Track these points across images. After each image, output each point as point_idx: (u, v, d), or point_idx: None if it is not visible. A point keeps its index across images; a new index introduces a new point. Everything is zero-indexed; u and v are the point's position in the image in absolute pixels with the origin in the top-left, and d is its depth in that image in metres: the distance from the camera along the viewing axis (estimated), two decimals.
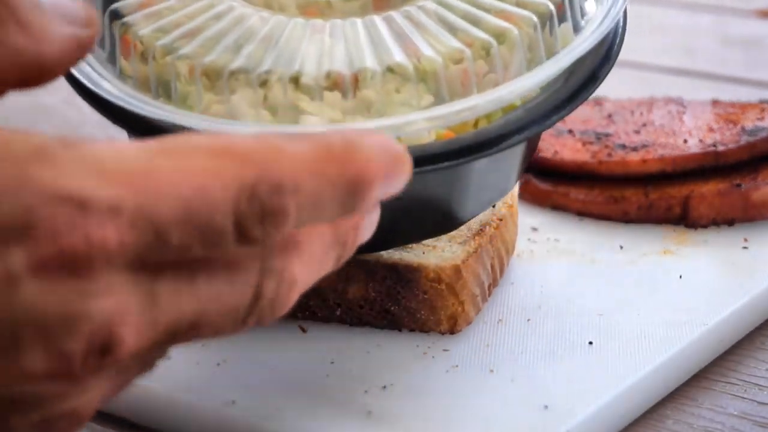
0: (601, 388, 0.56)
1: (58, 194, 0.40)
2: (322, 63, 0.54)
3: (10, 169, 0.40)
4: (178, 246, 0.41)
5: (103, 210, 0.40)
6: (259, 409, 0.54)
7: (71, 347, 0.41)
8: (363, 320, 0.61)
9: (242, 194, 0.42)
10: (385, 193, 0.46)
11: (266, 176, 0.43)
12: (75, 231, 0.40)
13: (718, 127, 0.75)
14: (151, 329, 0.42)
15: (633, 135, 0.76)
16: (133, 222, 0.41)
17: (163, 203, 0.41)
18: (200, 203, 0.41)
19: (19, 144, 0.41)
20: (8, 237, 0.39)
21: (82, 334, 0.41)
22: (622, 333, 0.61)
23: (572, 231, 0.72)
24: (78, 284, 0.40)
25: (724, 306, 0.63)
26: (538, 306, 0.63)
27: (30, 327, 0.40)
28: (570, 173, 0.75)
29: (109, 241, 0.40)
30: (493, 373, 0.57)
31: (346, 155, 0.45)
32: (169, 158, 0.42)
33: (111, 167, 0.41)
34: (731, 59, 1.13)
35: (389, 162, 0.46)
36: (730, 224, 0.72)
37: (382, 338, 0.60)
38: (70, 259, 0.40)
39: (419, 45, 0.55)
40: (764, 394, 0.59)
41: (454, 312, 0.61)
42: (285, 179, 0.43)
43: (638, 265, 0.68)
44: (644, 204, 0.72)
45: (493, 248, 0.64)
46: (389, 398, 0.55)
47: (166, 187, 0.41)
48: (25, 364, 0.41)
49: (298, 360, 0.58)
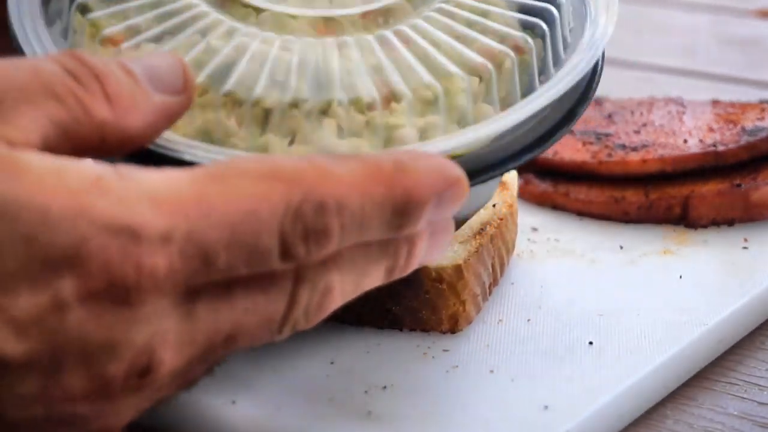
0: (601, 388, 0.56)
1: (113, 225, 0.41)
2: (352, 83, 0.53)
3: (67, 200, 0.41)
4: (224, 269, 0.43)
5: (155, 240, 0.41)
6: (259, 409, 0.54)
7: (112, 372, 0.42)
8: (363, 320, 0.61)
9: (288, 214, 0.43)
10: (436, 215, 0.47)
11: (311, 196, 0.43)
12: (127, 261, 0.41)
13: (718, 127, 0.75)
14: (189, 347, 0.43)
15: (633, 135, 0.76)
16: (183, 251, 0.42)
17: (212, 230, 0.42)
18: (248, 226, 0.42)
19: (74, 174, 0.42)
20: (62, 266, 0.40)
21: (123, 359, 0.42)
22: (622, 333, 0.61)
23: (572, 231, 0.72)
24: (125, 312, 0.41)
25: (724, 306, 0.63)
26: (538, 306, 0.63)
27: (75, 351, 0.41)
28: (570, 173, 0.75)
29: (160, 271, 0.41)
30: (493, 374, 0.57)
31: (395, 176, 0.46)
32: (218, 184, 0.43)
33: (163, 197, 0.42)
34: (731, 59, 1.13)
35: (443, 184, 0.47)
36: (730, 224, 0.72)
37: (383, 338, 0.60)
38: (120, 289, 0.41)
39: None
40: (764, 394, 0.59)
41: (456, 312, 0.61)
42: (329, 199, 0.44)
43: (638, 265, 0.68)
44: (644, 204, 0.72)
45: (494, 248, 0.64)
46: (389, 398, 0.55)
47: (215, 214, 0.42)
48: (67, 386, 0.42)
49: (298, 360, 0.58)
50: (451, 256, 0.61)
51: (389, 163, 0.46)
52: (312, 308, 0.46)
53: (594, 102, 0.82)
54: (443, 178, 0.47)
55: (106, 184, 0.42)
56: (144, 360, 0.42)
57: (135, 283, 0.41)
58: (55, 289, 0.40)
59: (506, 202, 0.66)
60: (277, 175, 0.44)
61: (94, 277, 0.41)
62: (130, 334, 0.41)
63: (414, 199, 0.46)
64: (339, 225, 0.44)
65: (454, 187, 0.47)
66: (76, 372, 0.41)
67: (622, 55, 1.14)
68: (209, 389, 0.56)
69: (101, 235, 0.41)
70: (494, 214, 0.65)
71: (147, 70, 0.48)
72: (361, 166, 0.45)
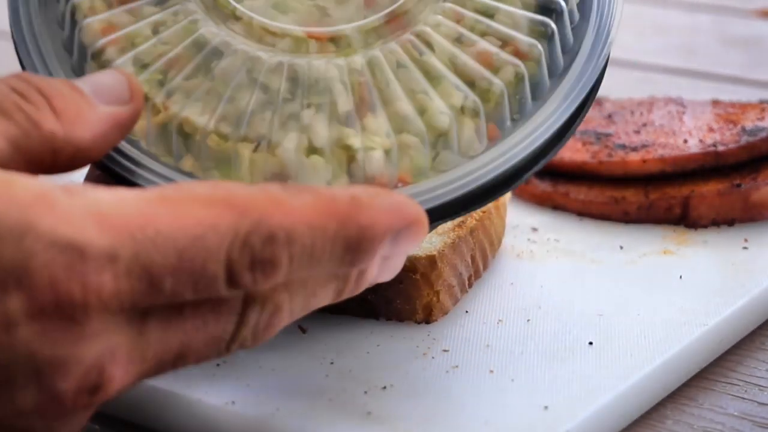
0: (601, 389, 0.56)
1: (58, 241, 0.41)
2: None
3: (13, 213, 0.41)
4: (170, 293, 0.43)
5: (101, 258, 0.41)
6: (258, 409, 0.54)
7: (63, 388, 0.42)
8: (342, 308, 0.62)
9: (235, 242, 0.43)
10: (393, 251, 0.47)
11: (261, 226, 0.43)
12: (73, 278, 0.41)
13: (718, 127, 0.75)
14: (139, 364, 0.43)
15: (633, 135, 0.76)
16: (129, 270, 0.42)
17: (159, 252, 0.42)
18: (195, 252, 0.43)
19: (21, 187, 0.42)
20: (8, 281, 0.40)
21: (74, 375, 0.42)
22: (622, 333, 0.61)
23: (572, 231, 0.72)
24: (72, 329, 0.41)
25: (724, 306, 0.63)
26: (538, 306, 0.63)
27: (24, 368, 0.41)
28: (570, 173, 0.75)
29: (105, 289, 0.41)
30: (493, 374, 0.57)
31: (350, 211, 0.45)
32: (167, 207, 0.43)
33: (111, 216, 0.42)
34: (731, 59, 1.13)
35: (400, 223, 0.47)
36: (730, 224, 0.72)
37: (382, 338, 0.60)
38: (66, 306, 0.41)
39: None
40: (764, 394, 0.59)
41: (430, 302, 0.61)
42: (279, 230, 0.44)
43: (638, 265, 0.68)
44: (644, 204, 0.72)
45: (474, 240, 0.65)
46: (389, 398, 0.55)
47: (162, 237, 0.42)
48: (18, 401, 0.42)
49: (297, 360, 0.58)
50: (426, 246, 0.61)
51: (345, 198, 0.46)
52: (260, 327, 0.46)
53: (594, 102, 0.82)
54: (401, 217, 0.47)
55: (53, 200, 0.41)
56: (94, 377, 0.42)
57: (81, 301, 0.41)
58: (3, 304, 0.40)
59: None
60: (229, 202, 0.44)
61: (41, 294, 0.41)
62: (79, 350, 0.42)
63: (368, 237, 0.46)
64: (287, 257, 0.44)
65: (413, 227, 0.47)
66: (27, 388, 0.42)
67: (622, 55, 1.14)
68: (209, 390, 0.56)
69: (47, 251, 0.40)
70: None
71: (91, 84, 0.49)
72: (315, 199, 0.45)
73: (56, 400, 0.42)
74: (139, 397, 0.56)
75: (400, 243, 0.47)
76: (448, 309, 0.62)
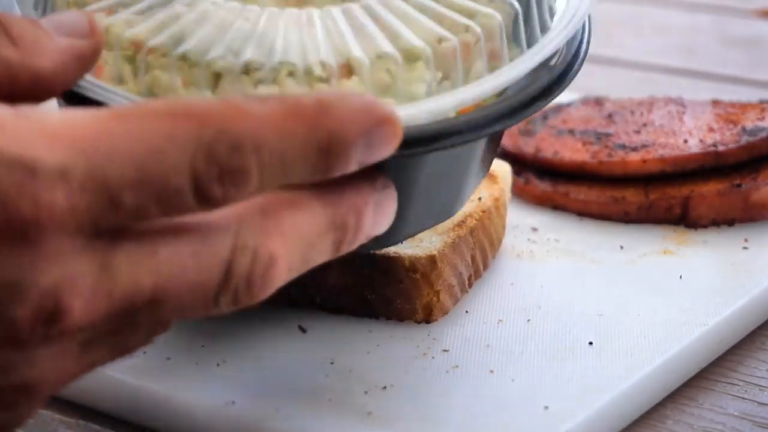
0: (602, 389, 0.56)
1: (6, 160, 0.39)
2: (308, 52, 0.52)
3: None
4: (132, 209, 0.41)
5: (52, 174, 0.40)
6: (258, 409, 0.54)
7: (17, 314, 0.40)
8: (342, 308, 0.62)
9: (199, 153, 0.41)
10: (368, 156, 0.45)
11: (224, 134, 0.42)
12: (23, 196, 0.39)
13: (719, 127, 0.75)
14: (104, 300, 0.41)
15: (633, 135, 0.76)
16: (83, 185, 0.40)
17: (115, 166, 0.40)
18: (155, 165, 0.41)
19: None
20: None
21: (29, 301, 0.40)
22: (622, 333, 0.61)
23: (572, 231, 0.72)
24: (26, 250, 0.40)
25: (725, 306, 0.63)
26: (538, 306, 0.63)
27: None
28: (570, 173, 0.75)
29: (59, 206, 0.40)
30: (493, 374, 0.57)
31: (318, 115, 0.44)
32: (122, 122, 0.41)
33: (62, 133, 0.40)
34: (731, 59, 1.13)
35: (371, 123, 0.45)
36: (730, 224, 0.72)
37: (382, 338, 0.60)
38: (18, 225, 0.40)
39: (403, 32, 0.53)
40: (764, 394, 0.59)
41: (430, 302, 0.61)
42: (244, 137, 0.42)
43: (638, 266, 0.68)
44: (644, 204, 0.72)
45: (474, 240, 0.65)
46: (389, 398, 0.55)
47: (117, 150, 0.40)
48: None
49: (297, 360, 0.58)
50: (427, 246, 0.61)
51: (311, 101, 0.44)
52: (255, 279, 0.44)
53: (594, 102, 0.82)
54: (371, 117, 0.45)
55: (2, 120, 0.40)
56: (50, 304, 0.40)
57: (33, 219, 0.39)
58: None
59: (492, 195, 0.67)
60: (188, 113, 0.42)
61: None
62: (34, 273, 0.40)
63: (339, 139, 0.44)
64: (257, 165, 0.42)
65: (384, 126, 0.45)
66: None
67: (622, 55, 1.14)
68: (209, 390, 0.56)
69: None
70: (477, 206, 0.65)
71: (50, 20, 0.48)
72: (280, 104, 0.43)
73: (11, 327, 0.40)
74: (140, 397, 0.56)
75: (374, 146, 0.45)
76: (448, 309, 0.63)
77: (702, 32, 1.22)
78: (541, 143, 0.76)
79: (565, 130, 0.77)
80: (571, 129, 0.77)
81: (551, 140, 0.76)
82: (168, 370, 0.57)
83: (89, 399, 0.58)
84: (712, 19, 1.27)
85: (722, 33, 1.21)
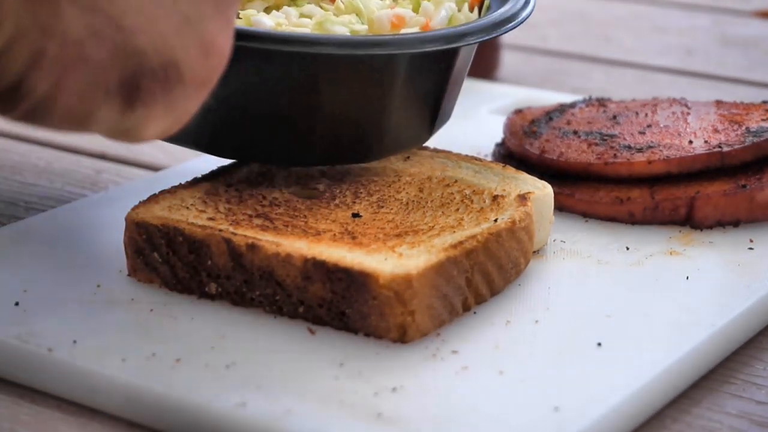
0: (612, 390, 0.56)
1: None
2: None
3: None
4: None
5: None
6: (269, 411, 0.54)
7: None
8: (323, 321, 0.61)
9: None
10: None
11: None
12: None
13: (723, 128, 0.75)
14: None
15: (638, 136, 0.76)
16: None
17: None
18: None
19: None
20: None
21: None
22: (630, 334, 0.61)
23: (578, 232, 0.72)
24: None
25: (732, 307, 0.63)
26: (546, 307, 0.63)
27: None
28: (575, 174, 0.75)
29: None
30: (502, 375, 0.57)
31: None
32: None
33: None
34: (731, 59, 1.13)
35: None
36: (735, 225, 0.72)
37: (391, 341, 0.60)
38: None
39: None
40: (763, 393, 0.59)
41: (403, 321, 0.59)
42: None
43: (644, 267, 0.68)
44: (650, 205, 0.72)
45: (472, 263, 0.62)
46: (399, 400, 0.55)
47: None
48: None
49: (307, 362, 0.58)
50: (406, 263, 0.60)
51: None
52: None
53: (598, 103, 0.82)
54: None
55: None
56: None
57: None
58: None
59: (512, 218, 0.64)
60: None
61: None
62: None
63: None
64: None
65: None
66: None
67: (622, 55, 1.14)
68: (219, 392, 0.56)
69: None
70: (485, 228, 0.63)
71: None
72: None
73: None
74: (151, 400, 0.56)
75: None
76: (427, 331, 0.60)
77: (701, 33, 1.22)
78: (546, 145, 0.76)
79: (569, 132, 0.77)
80: (575, 130, 0.77)
81: (556, 142, 0.76)
82: (178, 372, 0.57)
83: (96, 400, 0.58)
84: (712, 19, 1.27)
85: (721, 33, 1.22)
